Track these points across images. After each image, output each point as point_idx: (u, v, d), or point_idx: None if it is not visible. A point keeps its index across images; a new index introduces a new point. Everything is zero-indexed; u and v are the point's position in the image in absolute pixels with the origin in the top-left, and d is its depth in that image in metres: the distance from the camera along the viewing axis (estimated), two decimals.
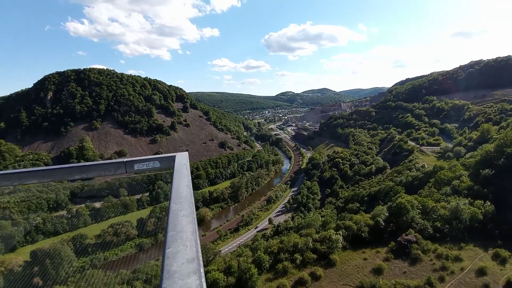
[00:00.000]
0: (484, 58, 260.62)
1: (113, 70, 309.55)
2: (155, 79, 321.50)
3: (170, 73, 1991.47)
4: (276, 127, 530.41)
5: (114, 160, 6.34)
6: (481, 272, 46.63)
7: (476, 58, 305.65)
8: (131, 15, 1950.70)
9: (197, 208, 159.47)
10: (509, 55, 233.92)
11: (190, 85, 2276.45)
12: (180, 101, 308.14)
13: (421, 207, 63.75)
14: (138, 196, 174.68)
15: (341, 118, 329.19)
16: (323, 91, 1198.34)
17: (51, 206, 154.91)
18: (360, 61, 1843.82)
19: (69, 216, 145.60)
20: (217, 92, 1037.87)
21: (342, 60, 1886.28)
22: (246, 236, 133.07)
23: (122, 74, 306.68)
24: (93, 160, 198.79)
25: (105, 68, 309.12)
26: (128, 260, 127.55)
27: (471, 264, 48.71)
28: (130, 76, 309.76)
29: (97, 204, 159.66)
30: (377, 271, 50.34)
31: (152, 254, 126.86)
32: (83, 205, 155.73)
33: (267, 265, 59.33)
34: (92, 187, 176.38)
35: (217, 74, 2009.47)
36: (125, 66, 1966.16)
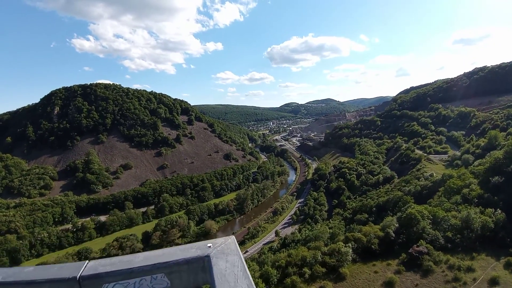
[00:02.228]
0: (488, 64, 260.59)
1: (119, 84, 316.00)
2: (160, 93, 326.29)
3: (175, 86, 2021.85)
4: (281, 138, 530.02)
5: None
6: (493, 281, 45.16)
7: (480, 64, 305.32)
8: (136, 31, 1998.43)
9: (202, 220, 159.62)
10: None
11: (194, 98, 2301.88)
12: (185, 114, 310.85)
13: (431, 217, 62.25)
14: (143, 209, 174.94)
15: (346, 128, 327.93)
16: (327, 101, 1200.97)
17: (56, 219, 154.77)
18: (363, 71, 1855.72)
19: (74, 229, 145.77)
20: (221, 105, 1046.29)
21: (345, 70, 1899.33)
22: (253, 249, 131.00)
23: (127, 88, 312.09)
24: (98, 174, 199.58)
25: (111, 83, 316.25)
26: None
27: (483, 274, 47.14)
28: (136, 90, 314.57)
29: (102, 218, 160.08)
30: (389, 285, 48.85)
31: None
32: (88, 219, 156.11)
33: (275, 279, 57.93)
34: (98, 200, 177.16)
35: (221, 87, 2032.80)
36: (130, 80, 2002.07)
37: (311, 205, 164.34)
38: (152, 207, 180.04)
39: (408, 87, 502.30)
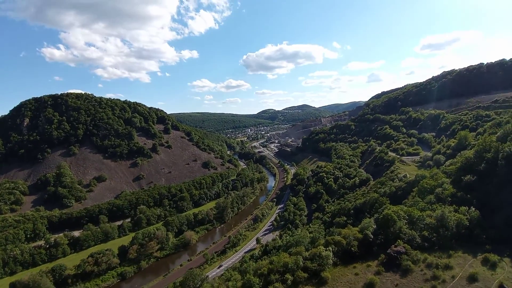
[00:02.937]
0: (456, 68, 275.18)
1: (91, 94, 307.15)
2: (135, 102, 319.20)
3: (150, 95, 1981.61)
4: (259, 144, 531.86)
5: None
6: (472, 278, 45.94)
7: (448, 68, 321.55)
8: (108, 39, 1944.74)
9: (181, 231, 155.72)
10: (481, 63, 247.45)
11: (171, 107, 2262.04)
12: (161, 123, 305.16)
13: (407, 217, 63.46)
14: (119, 223, 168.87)
15: (322, 133, 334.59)
16: (303, 107, 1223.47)
17: (28, 236, 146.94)
18: (337, 77, 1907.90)
19: (47, 246, 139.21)
20: (198, 113, 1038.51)
21: (319, 77, 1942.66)
22: (234, 258, 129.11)
23: (100, 98, 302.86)
24: (70, 187, 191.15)
25: (82, 92, 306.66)
26: None
27: (461, 271, 48.11)
28: (109, 99, 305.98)
29: (76, 233, 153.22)
30: (370, 286, 48.96)
31: (135, 282, 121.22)
32: (61, 234, 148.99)
33: None
34: (70, 215, 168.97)
35: (197, 95, 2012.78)
36: (103, 89, 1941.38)
37: (291, 211, 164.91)
38: (128, 220, 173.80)
39: (380, 92, 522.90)
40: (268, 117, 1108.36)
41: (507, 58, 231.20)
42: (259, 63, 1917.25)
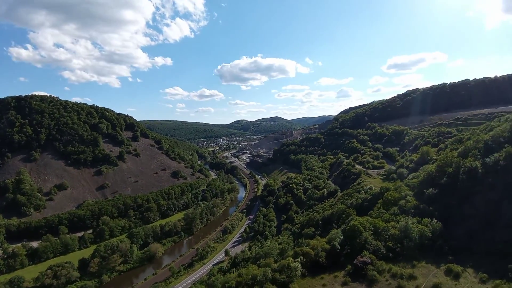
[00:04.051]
0: (420, 87, 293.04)
1: (56, 97, 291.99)
2: (103, 107, 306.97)
3: (120, 101, 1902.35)
4: (231, 154, 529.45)
5: None
6: None
7: (413, 87, 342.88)
8: (79, 41, 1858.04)
9: (147, 244, 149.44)
10: (444, 83, 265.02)
11: (141, 114, 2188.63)
12: (130, 130, 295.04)
13: (373, 228, 65.32)
14: (80, 234, 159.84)
15: (293, 145, 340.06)
16: (275, 119, 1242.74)
17: None
18: (308, 91, 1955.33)
19: (5, 256, 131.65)
20: (170, 121, 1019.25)
21: (292, 90, 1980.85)
22: (202, 270, 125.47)
23: (66, 101, 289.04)
24: (30, 195, 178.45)
25: (48, 95, 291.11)
26: None
27: (425, 281, 49.54)
28: (75, 103, 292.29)
29: (35, 244, 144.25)
30: None
31: None
32: (19, 245, 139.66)
33: None
34: (29, 224, 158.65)
35: (169, 102, 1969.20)
36: (70, 93, 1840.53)
37: (261, 222, 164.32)
38: (90, 231, 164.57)
39: (348, 107, 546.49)
40: (241, 127, 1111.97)
41: (470, 79, 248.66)
42: (233, 74, 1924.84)
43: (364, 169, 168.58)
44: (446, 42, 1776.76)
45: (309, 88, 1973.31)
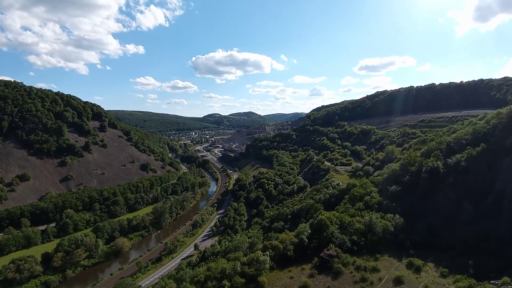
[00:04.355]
0: (389, 89, 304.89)
1: (20, 82, 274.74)
2: (69, 95, 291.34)
3: (87, 88, 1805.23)
4: (203, 148, 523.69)
5: None
6: (398, 281, 49.69)
7: (381, 88, 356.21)
8: (47, 24, 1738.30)
9: (113, 238, 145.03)
10: (411, 86, 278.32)
11: (109, 103, 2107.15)
12: (97, 119, 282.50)
13: (339, 223, 68.08)
14: (43, 227, 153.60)
15: (265, 140, 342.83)
16: (249, 114, 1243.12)
17: None
18: (282, 88, 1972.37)
19: None
20: (140, 111, 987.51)
21: (266, 86, 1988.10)
22: (170, 265, 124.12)
23: (30, 87, 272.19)
24: None
25: (11, 80, 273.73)
26: None
27: (388, 274, 52.21)
28: (40, 90, 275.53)
29: None
30: None
31: None
32: None
33: None
34: None
35: (140, 93, 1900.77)
36: (34, 78, 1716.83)
37: (231, 216, 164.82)
38: (53, 224, 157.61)
39: (320, 106, 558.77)
40: (214, 121, 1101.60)
41: (436, 83, 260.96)
42: (208, 66, 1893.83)
43: (333, 165, 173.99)
44: (416, 47, 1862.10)
45: (283, 85, 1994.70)
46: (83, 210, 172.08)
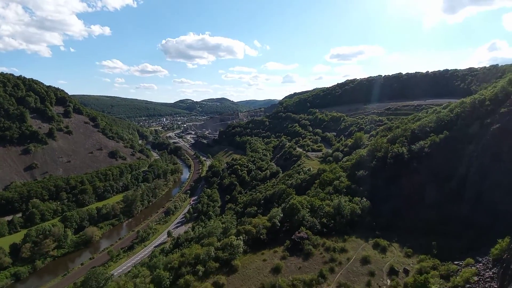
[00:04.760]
0: (358, 78, 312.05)
1: None
2: (31, 79, 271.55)
3: (50, 72, 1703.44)
4: (175, 135, 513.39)
5: None
6: (365, 260, 53.25)
7: (351, 77, 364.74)
8: (9, 5, 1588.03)
9: (82, 228, 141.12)
10: (379, 75, 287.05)
11: (74, 87, 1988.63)
12: (61, 105, 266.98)
13: (310, 206, 71.08)
14: (9, 218, 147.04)
15: (238, 127, 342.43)
16: (222, 100, 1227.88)
17: None
18: (255, 74, 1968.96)
19: None
20: (107, 96, 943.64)
21: (239, 72, 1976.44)
22: (143, 253, 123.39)
23: None
24: None
25: None
26: None
27: (355, 254, 55.87)
28: (1, 74, 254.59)
29: None
30: (276, 270, 53.29)
31: (31, 283, 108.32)
32: None
33: (168, 282, 55.85)
34: None
35: (107, 76, 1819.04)
36: None
37: (205, 202, 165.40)
38: (20, 215, 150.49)
39: (293, 93, 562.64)
40: (186, 107, 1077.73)
41: (403, 73, 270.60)
42: (179, 50, 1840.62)
43: (304, 151, 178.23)
44: (385, 37, 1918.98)
45: (256, 71, 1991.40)
46: (49, 199, 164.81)
